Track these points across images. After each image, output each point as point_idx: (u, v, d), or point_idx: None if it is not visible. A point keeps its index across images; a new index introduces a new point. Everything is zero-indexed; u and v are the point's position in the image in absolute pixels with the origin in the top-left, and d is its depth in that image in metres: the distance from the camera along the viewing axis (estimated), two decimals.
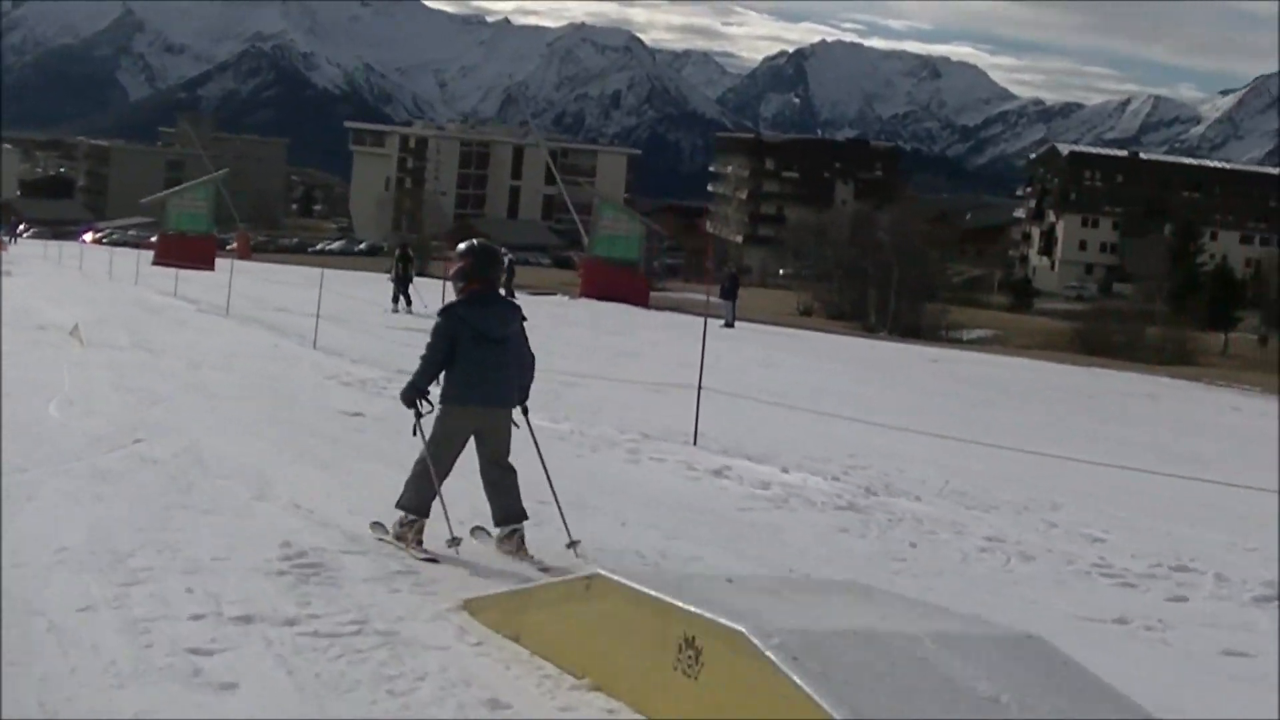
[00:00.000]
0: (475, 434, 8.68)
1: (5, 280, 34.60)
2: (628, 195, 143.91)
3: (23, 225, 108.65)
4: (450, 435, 8.64)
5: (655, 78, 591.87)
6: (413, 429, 8.82)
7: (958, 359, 42.95)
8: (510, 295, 35.22)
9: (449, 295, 9.27)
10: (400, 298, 37.01)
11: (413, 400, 8.75)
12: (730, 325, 44.32)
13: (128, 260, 51.26)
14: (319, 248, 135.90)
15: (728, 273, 52.12)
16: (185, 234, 61.33)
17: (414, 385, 8.75)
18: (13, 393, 13.90)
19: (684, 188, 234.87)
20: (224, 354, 21.37)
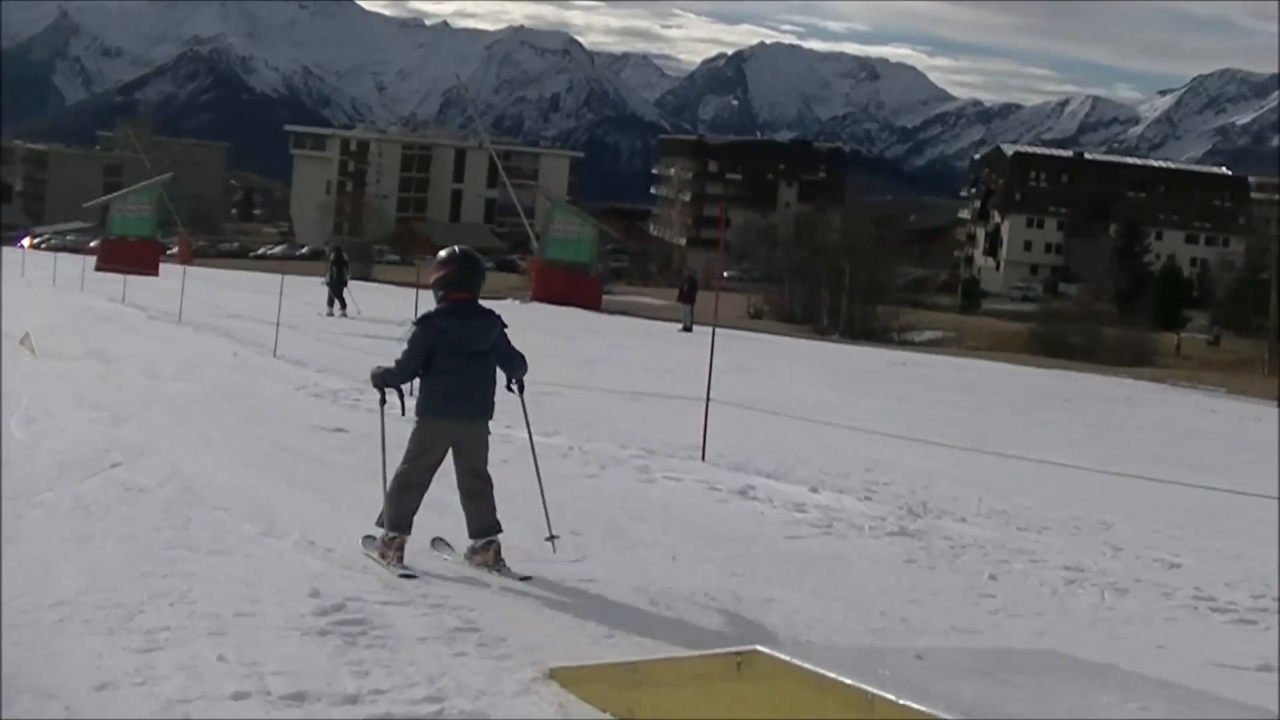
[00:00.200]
0: (454, 445, 8.33)
1: None
2: (570, 198, 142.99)
3: None
4: (428, 449, 8.29)
5: (594, 80, 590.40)
6: (379, 401, 8.54)
7: (924, 362, 42.42)
8: None
9: (399, 300, 8.41)
10: (335, 301, 36.74)
11: (381, 389, 8.48)
12: (688, 329, 43.86)
13: (71, 266, 50.04)
14: (260, 252, 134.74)
15: (687, 276, 51.44)
16: (128, 239, 60.14)
17: (384, 380, 8.42)
18: None
19: (624, 190, 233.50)
20: (184, 363, 20.64)
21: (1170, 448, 22.93)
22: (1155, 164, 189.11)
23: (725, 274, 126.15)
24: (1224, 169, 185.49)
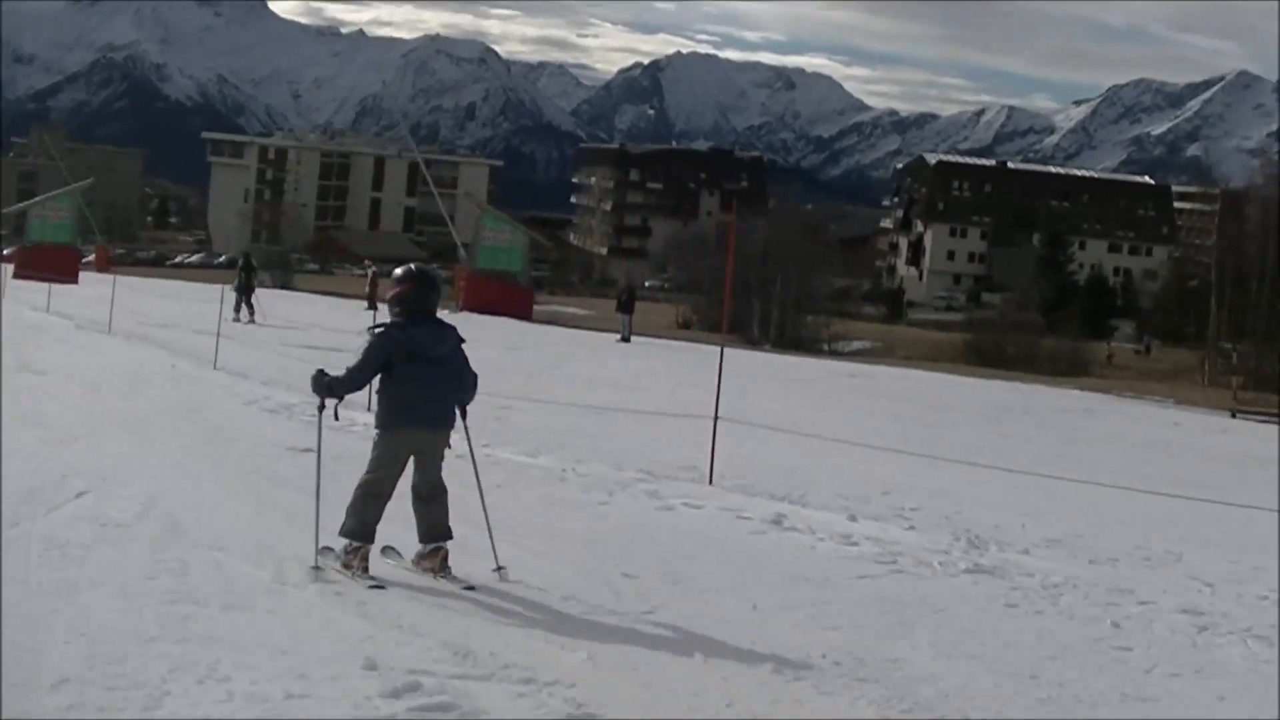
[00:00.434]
0: (414, 454, 8.34)
1: None
2: (490, 206, 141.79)
3: None
4: (392, 460, 8.30)
5: (510, 89, 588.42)
6: (318, 407, 8.63)
7: (870, 374, 41.61)
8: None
9: (318, 308, 7.22)
10: (242, 306, 36.68)
11: (322, 396, 8.46)
12: (626, 340, 43.19)
13: None
14: (178, 260, 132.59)
15: (625, 286, 50.57)
16: (47, 246, 58.30)
17: (330, 387, 8.38)
18: None
19: (541, 199, 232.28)
20: (122, 376, 19.63)
21: (1160, 462, 22.41)
22: (1078, 173, 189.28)
23: (646, 284, 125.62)
24: (1146, 178, 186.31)
